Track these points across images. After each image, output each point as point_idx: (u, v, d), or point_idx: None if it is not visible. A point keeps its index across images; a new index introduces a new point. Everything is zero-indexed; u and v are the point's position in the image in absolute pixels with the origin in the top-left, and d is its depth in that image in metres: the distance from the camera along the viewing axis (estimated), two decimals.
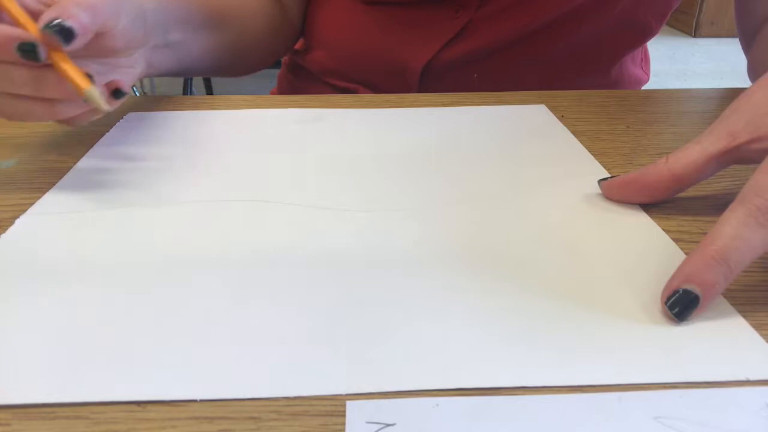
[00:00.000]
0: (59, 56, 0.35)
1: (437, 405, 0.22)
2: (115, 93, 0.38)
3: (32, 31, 0.34)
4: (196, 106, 0.51)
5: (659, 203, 0.35)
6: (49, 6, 0.36)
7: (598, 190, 0.36)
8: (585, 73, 0.62)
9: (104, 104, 0.35)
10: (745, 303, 0.27)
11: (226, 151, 0.42)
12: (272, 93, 0.74)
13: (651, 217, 0.34)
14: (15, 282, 0.28)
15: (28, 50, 0.34)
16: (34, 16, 0.35)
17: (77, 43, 0.35)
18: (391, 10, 0.59)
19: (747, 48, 0.58)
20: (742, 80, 0.43)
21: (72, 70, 0.35)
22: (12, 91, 0.36)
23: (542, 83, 0.60)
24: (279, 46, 0.66)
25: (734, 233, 0.25)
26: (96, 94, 0.35)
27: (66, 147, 0.43)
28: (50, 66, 0.35)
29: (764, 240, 0.25)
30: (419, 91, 0.60)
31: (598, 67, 0.62)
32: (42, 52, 0.34)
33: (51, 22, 0.34)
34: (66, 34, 0.34)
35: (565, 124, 0.47)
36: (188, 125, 0.46)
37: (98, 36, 0.37)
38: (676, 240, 0.32)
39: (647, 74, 0.70)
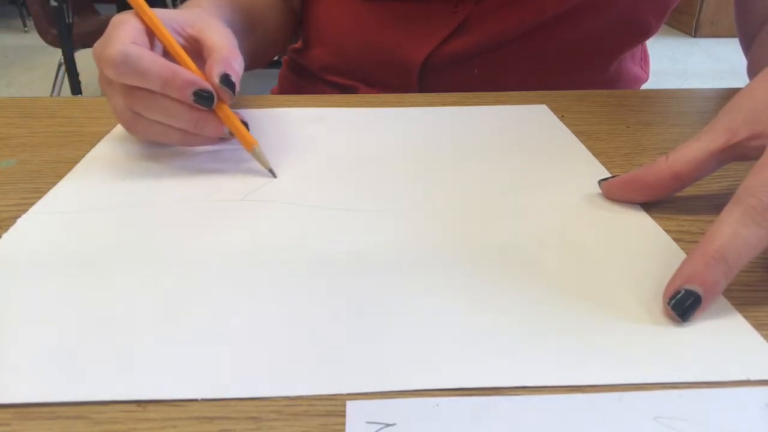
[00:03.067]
0: (224, 106, 0.39)
1: (437, 405, 0.22)
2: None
3: (193, 70, 0.38)
4: None
5: (660, 203, 0.35)
6: (184, 37, 0.41)
7: (599, 190, 0.36)
8: (584, 70, 0.62)
9: (268, 163, 0.39)
10: (746, 302, 0.27)
11: (226, 152, 0.42)
12: (272, 92, 0.74)
13: (651, 217, 0.34)
14: (15, 282, 0.28)
15: (205, 97, 0.37)
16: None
17: (234, 94, 0.39)
18: (390, 5, 0.59)
19: (747, 48, 0.58)
20: (742, 80, 0.44)
21: (240, 126, 0.39)
22: (171, 124, 0.39)
23: (541, 79, 0.60)
24: (288, 36, 0.68)
25: (732, 232, 0.26)
26: (262, 152, 0.39)
27: (66, 147, 0.43)
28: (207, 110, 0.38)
29: (761, 239, 0.26)
30: (419, 86, 0.60)
31: (598, 64, 0.62)
32: (215, 102, 0.38)
33: (221, 76, 0.37)
34: (232, 87, 0.38)
35: (565, 124, 0.47)
36: None
37: None
38: (676, 240, 0.32)
39: (647, 73, 0.70)
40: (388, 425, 0.21)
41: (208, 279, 0.28)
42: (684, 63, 3.41)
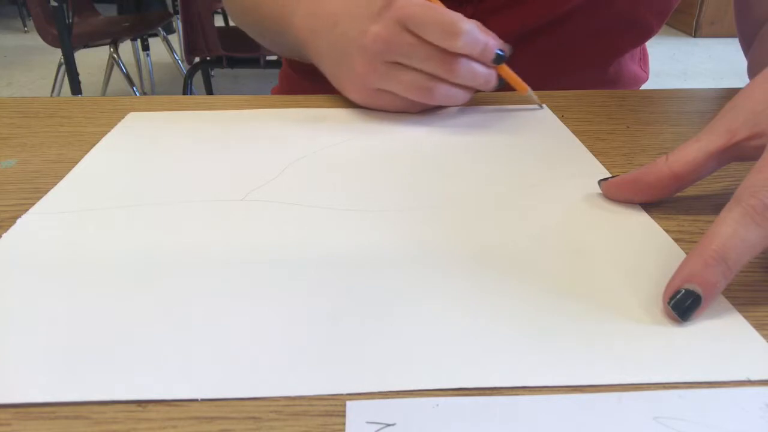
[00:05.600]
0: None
1: (437, 405, 0.22)
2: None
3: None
4: (196, 106, 0.51)
5: (660, 203, 0.35)
6: None
7: (599, 190, 0.36)
8: (584, 70, 0.62)
9: (538, 99, 0.50)
10: (746, 302, 0.27)
11: (226, 151, 0.42)
12: (273, 91, 0.74)
13: (651, 217, 0.34)
14: (15, 282, 0.28)
15: (501, 56, 0.45)
16: None
17: None
18: None
19: (747, 49, 0.58)
20: (742, 80, 0.43)
21: (515, 76, 0.48)
22: (469, 83, 0.45)
23: (541, 79, 0.60)
24: None
25: (731, 233, 0.26)
26: (533, 94, 0.49)
27: (66, 147, 0.43)
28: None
29: (761, 239, 0.26)
30: None
31: (598, 64, 0.62)
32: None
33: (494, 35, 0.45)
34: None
35: (565, 124, 0.47)
36: (188, 125, 0.47)
37: None
38: (676, 240, 0.32)
39: (646, 73, 0.70)
40: (388, 425, 0.21)
41: (208, 279, 0.28)
42: (684, 63, 3.41)
